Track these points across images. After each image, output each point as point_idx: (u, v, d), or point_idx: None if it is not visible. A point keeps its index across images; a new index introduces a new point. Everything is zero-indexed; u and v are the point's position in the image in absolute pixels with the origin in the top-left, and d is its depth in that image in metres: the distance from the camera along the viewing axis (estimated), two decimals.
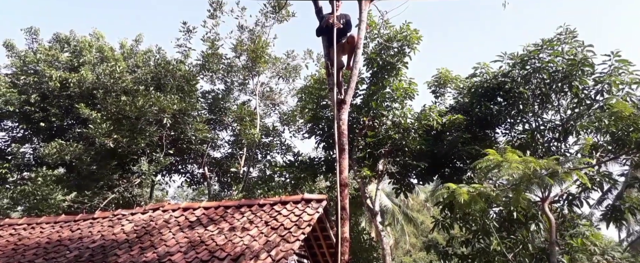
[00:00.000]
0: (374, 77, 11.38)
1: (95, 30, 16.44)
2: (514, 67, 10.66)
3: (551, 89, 10.19)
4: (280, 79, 16.89)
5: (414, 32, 10.84)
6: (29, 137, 15.18)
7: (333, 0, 6.43)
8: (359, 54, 6.19)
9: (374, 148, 11.29)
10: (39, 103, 14.05)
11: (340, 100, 5.89)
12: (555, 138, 10.34)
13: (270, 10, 14.99)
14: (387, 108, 11.23)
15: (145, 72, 14.09)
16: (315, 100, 11.95)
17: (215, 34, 15.15)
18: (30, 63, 14.72)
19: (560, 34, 10.15)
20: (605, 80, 9.41)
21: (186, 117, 13.65)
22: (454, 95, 12.37)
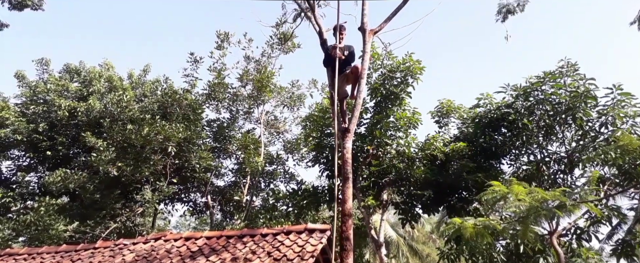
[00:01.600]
0: (378, 106, 11.46)
1: (105, 61, 16.87)
2: (517, 98, 10.76)
3: (555, 120, 10.23)
4: (285, 107, 17.06)
5: (417, 63, 10.99)
6: (34, 165, 15.28)
7: (337, 33, 6.60)
8: (362, 83, 6.28)
9: (379, 177, 11.21)
10: (46, 132, 14.23)
11: (344, 129, 5.93)
12: (561, 170, 10.29)
13: (276, 41, 15.34)
14: (391, 137, 11.24)
15: (152, 101, 14.31)
16: (320, 129, 12.01)
17: (221, 64, 15.46)
18: (41, 93, 15.03)
19: (561, 67, 10.31)
20: (609, 112, 9.47)
21: (191, 146, 13.73)
22: (457, 125, 12.41)
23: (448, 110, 12.33)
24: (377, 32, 6.87)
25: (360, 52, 6.64)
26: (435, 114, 12.47)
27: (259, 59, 15.77)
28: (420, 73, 11.06)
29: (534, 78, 10.52)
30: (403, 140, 11.18)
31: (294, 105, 16.96)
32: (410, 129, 11.35)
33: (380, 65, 11.50)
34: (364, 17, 6.80)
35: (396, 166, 10.97)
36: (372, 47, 9.97)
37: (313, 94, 17.12)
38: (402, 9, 7.08)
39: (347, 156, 5.78)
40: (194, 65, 15.29)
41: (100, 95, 14.59)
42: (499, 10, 9.30)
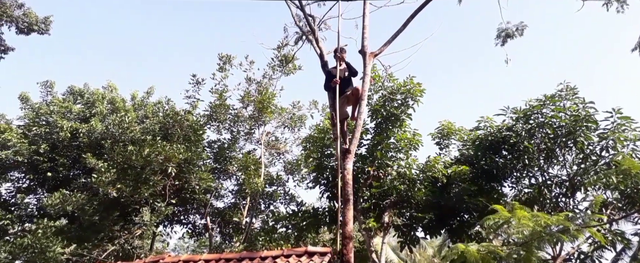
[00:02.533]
0: (378, 127, 11.49)
1: (109, 83, 17.05)
2: (517, 121, 10.80)
3: (556, 143, 10.26)
4: (286, 128, 17.11)
5: (417, 85, 11.09)
6: (34, 187, 15.23)
7: (337, 56, 6.70)
8: (363, 105, 6.33)
9: (380, 199, 11.13)
10: (48, 153, 14.25)
11: (345, 150, 5.94)
12: (563, 193, 10.24)
13: (277, 63, 15.52)
14: (391, 158, 11.22)
15: (153, 122, 14.37)
16: (320, 150, 12.00)
17: (223, 85, 15.60)
18: (44, 114, 15.13)
19: (561, 90, 10.40)
20: (610, 136, 9.50)
21: (191, 166, 13.70)
22: (458, 147, 12.41)
23: (448, 132, 12.36)
24: (377, 54, 6.98)
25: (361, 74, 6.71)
26: (435, 135, 12.48)
27: (260, 81, 15.93)
28: (420, 95, 11.14)
29: (534, 101, 10.60)
30: (404, 162, 11.15)
31: (295, 125, 17.02)
32: (411, 150, 11.35)
33: (380, 87, 11.60)
34: (365, 40, 6.92)
35: (397, 188, 10.91)
36: (373, 70, 10.08)
37: (314, 115, 17.20)
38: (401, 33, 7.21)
39: (348, 177, 5.77)
40: (196, 87, 15.43)
41: (103, 116, 14.67)
42: (498, 34, 9.46)
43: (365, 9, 7.19)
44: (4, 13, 15.81)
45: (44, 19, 16.58)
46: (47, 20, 16.63)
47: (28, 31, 16.71)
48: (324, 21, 8.79)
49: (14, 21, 16.20)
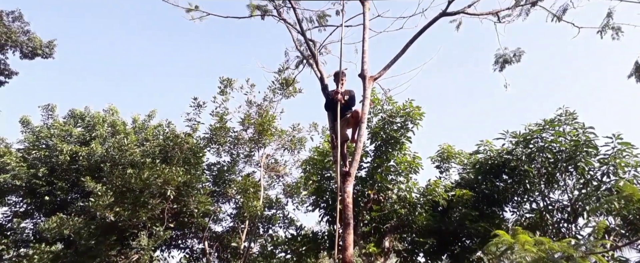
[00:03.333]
0: (378, 150, 11.49)
1: (110, 106, 17.15)
2: (517, 145, 10.82)
3: (556, 168, 10.25)
4: (286, 150, 17.09)
5: (417, 108, 11.16)
6: (31, 211, 15.09)
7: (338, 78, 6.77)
8: (363, 127, 6.35)
9: (380, 223, 11.00)
10: (46, 176, 14.20)
11: (345, 173, 5.92)
12: (565, 219, 10.15)
13: (278, 86, 15.66)
14: (392, 182, 11.17)
15: (153, 145, 14.38)
16: (320, 172, 11.96)
17: (224, 108, 15.70)
18: (44, 138, 15.17)
19: (560, 115, 10.46)
20: (610, 161, 9.50)
21: (190, 190, 13.61)
22: (458, 171, 12.38)
23: (448, 156, 12.36)
24: (377, 78, 7.06)
25: (361, 97, 6.77)
26: (435, 159, 12.47)
27: (260, 103, 16.03)
28: (420, 119, 11.20)
29: (533, 125, 10.66)
30: (404, 185, 11.09)
31: (295, 148, 17.01)
32: (411, 173, 11.31)
33: (380, 110, 11.67)
34: (364, 64, 7.01)
35: (398, 212, 10.81)
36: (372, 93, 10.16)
37: (314, 137, 17.23)
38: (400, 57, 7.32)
39: (348, 200, 5.73)
40: (197, 110, 15.52)
41: (103, 139, 14.69)
42: (496, 60, 9.56)
43: (364, 35, 7.32)
44: (9, 38, 16.10)
45: (48, 43, 16.88)
46: (51, 44, 16.93)
47: (32, 56, 16.98)
48: (324, 46, 8.94)
49: (19, 46, 16.49)
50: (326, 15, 9.18)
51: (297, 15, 8.38)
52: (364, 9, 7.68)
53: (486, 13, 8.23)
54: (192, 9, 8.21)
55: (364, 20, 7.51)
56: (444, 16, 7.81)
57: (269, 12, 8.83)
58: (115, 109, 17.03)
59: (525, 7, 8.47)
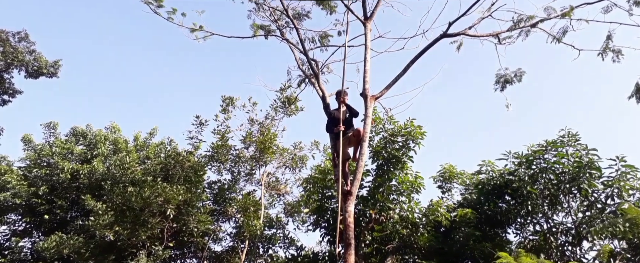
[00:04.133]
0: (380, 169, 11.45)
1: (112, 124, 17.21)
2: (519, 166, 10.78)
3: (559, 190, 10.18)
4: (287, 169, 17.01)
5: (418, 128, 11.17)
6: (30, 230, 14.96)
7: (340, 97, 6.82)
8: (364, 146, 6.35)
9: (382, 243, 10.86)
10: (46, 195, 14.14)
11: (346, 192, 5.89)
12: (569, 242, 10.02)
13: (280, 105, 15.74)
14: (393, 201, 11.09)
15: (155, 163, 14.36)
16: (321, 191, 11.89)
17: (226, 126, 15.73)
18: (45, 156, 15.17)
19: (562, 136, 10.45)
20: (614, 184, 9.45)
21: (190, 208, 13.51)
22: (461, 191, 12.30)
23: (450, 176, 12.29)
24: (378, 97, 7.11)
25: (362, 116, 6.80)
26: (437, 178, 12.41)
27: (262, 122, 16.08)
28: (421, 138, 11.20)
29: (536, 146, 10.65)
30: (406, 205, 11.00)
31: (296, 166, 16.94)
32: (413, 193, 11.22)
33: (381, 129, 11.68)
34: (366, 84, 7.07)
35: (399, 232, 10.67)
36: (374, 112, 10.20)
37: (315, 156, 17.17)
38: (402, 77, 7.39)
39: (349, 220, 5.68)
40: (199, 128, 15.56)
41: (104, 157, 14.69)
42: (497, 80, 9.62)
43: (366, 55, 7.42)
44: (15, 58, 16.33)
45: (53, 63, 17.09)
46: (56, 64, 17.13)
47: (37, 75, 17.19)
48: (326, 65, 9.05)
49: (24, 66, 16.71)
50: (328, 36, 9.33)
51: (299, 35, 8.52)
52: (366, 29, 7.80)
53: (486, 35, 8.34)
54: (196, 29, 8.35)
55: (366, 40, 7.62)
56: (445, 37, 7.92)
57: (272, 32, 8.98)
58: (117, 127, 17.09)
59: (525, 29, 8.57)
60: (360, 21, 8.00)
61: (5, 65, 16.54)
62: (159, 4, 7.82)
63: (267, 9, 9.12)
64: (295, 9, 9.25)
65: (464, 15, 7.78)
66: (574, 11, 8.15)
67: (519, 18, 8.38)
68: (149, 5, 7.76)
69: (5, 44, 16.23)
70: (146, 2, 7.73)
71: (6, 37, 16.31)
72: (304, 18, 9.40)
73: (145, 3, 7.72)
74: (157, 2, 7.81)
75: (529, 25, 8.42)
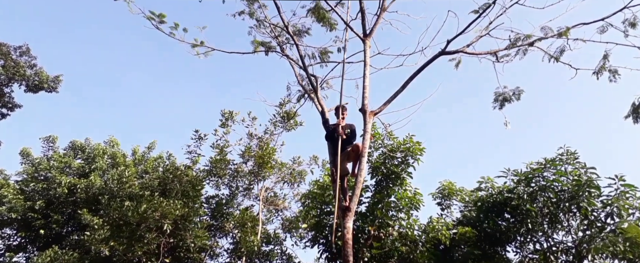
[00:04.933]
0: (379, 185, 11.41)
1: (111, 138, 17.20)
2: (518, 183, 10.78)
3: (559, 208, 10.16)
4: (285, 183, 16.95)
5: (417, 144, 11.18)
6: (25, 244, 14.78)
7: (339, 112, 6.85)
8: (363, 162, 6.35)
9: (380, 261, 10.73)
10: (43, 209, 14.03)
11: (345, 208, 5.86)
12: (570, 261, 9.95)
13: (279, 119, 15.78)
14: (392, 218, 11.01)
15: (153, 177, 14.31)
16: (319, 207, 11.81)
17: (224, 141, 15.73)
18: (43, 170, 15.11)
19: (561, 154, 10.48)
20: (614, 203, 9.44)
21: (187, 223, 13.40)
22: (460, 208, 12.24)
23: (449, 192, 12.25)
24: (377, 113, 7.14)
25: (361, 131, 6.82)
26: (436, 195, 12.36)
27: (261, 136, 16.09)
28: (420, 154, 11.19)
29: (535, 164, 10.66)
30: (405, 222, 10.92)
31: (295, 181, 16.88)
32: (412, 210, 11.15)
33: (381, 145, 11.69)
34: (365, 99, 7.11)
35: (399, 249, 10.57)
36: (373, 127, 10.23)
37: (314, 171, 17.13)
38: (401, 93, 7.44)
39: (348, 236, 5.64)
40: (198, 142, 15.56)
41: (102, 171, 14.64)
42: (495, 98, 9.68)
43: (365, 71, 7.48)
44: (16, 73, 16.43)
45: (54, 78, 17.20)
46: (57, 79, 17.25)
47: (37, 89, 17.27)
48: (326, 80, 9.12)
49: (25, 80, 16.80)
50: (328, 52, 9.43)
51: (299, 51, 8.61)
52: (365, 46, 7.89)
53: (484, 53, 8.43)
54: (198, 44, 8.42)
55: (365, 57, 7.70)
56: (443, 55, 8.00)
57: (272, 49, 9.07)
58: (115, 141, 17.08)
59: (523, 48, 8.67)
60: (360, 38, 8.09)
61: (6, 79, 16.63)
62: (161, 20, 7.91)
63: (268, 26, 9.24)
64: (296, 25, 9.38)
65: (462, 34, 7.88)
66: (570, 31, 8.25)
67: (516, 37, 8.48)
68: (151, 21, 7.85)
69: (7, 57, 16.36)
70: (148, 18, 7.82)
71: (7, 50, 16.45)
72: (304, 35, 9.51)
73: (148, 19, 7.81)
74: (159, 18, 7.90)
75: (527, 44, 8.52)
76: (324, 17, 9.02)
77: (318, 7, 8.94)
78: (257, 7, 9.26)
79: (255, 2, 9.18)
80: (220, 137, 15.73)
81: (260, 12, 9.26)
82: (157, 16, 7.81)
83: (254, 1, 9.14)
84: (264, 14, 9.21)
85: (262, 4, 9.20)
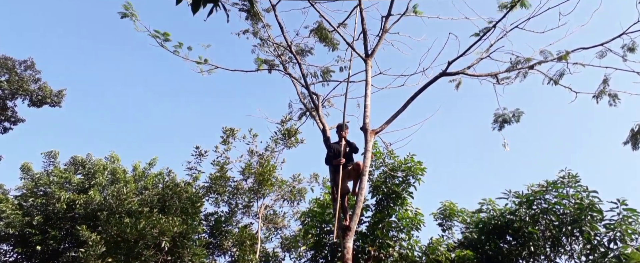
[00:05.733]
0: (379, 204, 11.34)
1: (112, 154, 17.19)
2: (520, 205, 10.71)
3: (561, 232, 10.06)
4: (285, 201, 16.85)
5: (418, 163, 11.16)
6: (21, 261, 14.59)
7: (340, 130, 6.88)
8: (364, 180, 6.34)
9: None
10: (40, 225, 13.89)
11: (345, 227, 5.82)
12: None
13: (280, 136, 15.82)
14: (393, 238, 10.91)
15: (152, 193, 14.24)
16: (319, 225, 11.71)
17: (225, 157, 15.73)
18: (43, 185, 15.04)
19: (563, 177, 10.44)
20: (616, 227, 9.36)
21: (186, 241, 13.26)
22: (461, 230, 12.12)
23: (451, 213, 12.16)
24: (378, 132, 7.17)
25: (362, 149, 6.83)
26: (437, 216, 12.26)
27: (262, 153, 16.09)
28: (421, 174, 11.16)
29: (536, 186, 10.61)
30: (406, 242, 10.80)
31: (295, 199, 16.78)
32: (412, 230, 11.05)
33: (382, 164, 11.68)
34: (366, 118, 7.16)
35: None
36: (374, 146, 10.25)
37: (314, 188, 17.05)
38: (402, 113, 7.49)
39: (348, 257, 5.58)
40: (199, 159, 15.55)
41: (102, 187, 14.57)
42: (495, 119, 9.72)
43: (367, 90, 7.55)
44: (20, 87, 16.58)
45: (57, 93, 17.33)
46: (60, 93, 17.38)
47: (40, 104, 17.39)
48: (327, 99, 9.20)
49: (29, 94, 16.93)
50: (330, 71, 9.54)
51: (302, 70, 8.72)
52: (367, 66, 7.99)
53: (485, 74, 8.51)
54: (202, 62, 8.54)
55: (367, 76, 7.78)
56: (444, 76, 8.09)
57: (275, 67, 9.18)
58: (116, 157, 17.04)
59: (523, 70, 8.76)
60: (362, 58, 8.20)
61: (10, 94, 16.76)
62: (165, 38, 8.04)
63: (272, 45, 9.38)
64: (299, 45, 9.52)
65: (463, 56, 7.99)
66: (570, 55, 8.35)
67: (516, 60, 8.59)
68: (156, 39, 7.98)
69: (11, 72, 16.52)
70: (153, 36, 7.95)
71: (13, 65, 16.63)
72: (307, 54, 9.65)
73: (153, 37, 7.94)
74: (163, 36, 8.02)
75: (527, 67, 8.62)
76: (327, 37, 9.18)
77: (321, 28, 9.10)
78: (261, 27, 9.43)
79: (259, 22, 9.34)
80: (221, 153, 15.75)
81: (264, 31, 9.42)
82: (161, 35, 7.94)
83: (258, 21, 9.31)
84: (267, 33, 9.37)
85: (266, 24, 9.37)
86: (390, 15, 8.63)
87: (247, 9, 8.91)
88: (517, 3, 7.66)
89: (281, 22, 8.56)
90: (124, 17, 7.47)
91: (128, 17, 7.48)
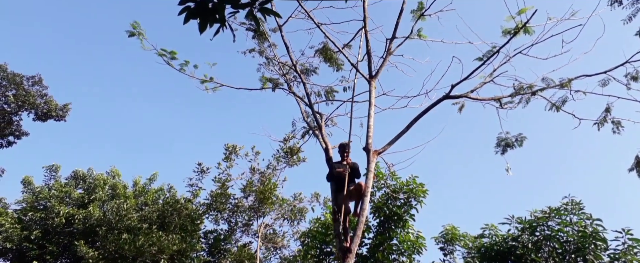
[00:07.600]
0: (381, 226, 11.21)
1: (112, 169, 17.18)
2: (523, 231, 10.55)
3: (565, 260, 9.86)
4: (285, 220, 16.66)
5: (420, 185, 11.09)
6: None
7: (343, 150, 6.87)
8: (366, 201, 6.28)
9: None
10: (39, 239, 13.79)
11: (345, 249, 5.74)
12: None
13: (282, 155, 15.79)
14: (394, 261, 10.73)
15: (152, 210, 14.15)
16: (319, 246, 11.55)
17: (227, 174, 15.68)
18: (43, 199, 15.00)
19: (566, 204, 10.33)
20: (621, 257, 9.18)
21: (184, 259, 13.10)
22: (463, 254, 11.92)
23: (452, 237, 11.99)
24: (381, 152, 7.15)
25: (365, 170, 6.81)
26: (439, 239, 12.09)
27: (264, 171, 16.03)
28: (423, 196, 11.07)
29: (539, 212, 10.49)
30: None
31: (295, 218, 16.61)
32: (414, 254, 10.88)
33: (384, 185, 11.60)
34: (369, 139, 7.15)
35: None
36: (376, 167, 10.21)
37: (315, 208, 16.88)
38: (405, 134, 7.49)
39: None
40: (200, 175, 15.51)
41: (102, 202, 14.51)
42: (498, 143, 9.68)
43: (370, 111, 7.58)
44: (26, 101, 16.73)
45: (62, 107, 17.46)
46: (65, 107, 17.51)
47: (45, 118, 17.50)
48: (331, 118, 9.22)
49: (35, 109, 17.07)
50: (334, 91, 9.60)
51: (306, 89, 8.78)
52: (371, 87, 8.03)
53: (488, 98, 8.52)
54: (207, 80, 8.61)
55: (370, 97, 7.82)
56: (448, 98, 8.11)
57: (280, 85, 9.25)
58: (117, 172, 17.03)
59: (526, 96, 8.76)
60: (366, 79, 8.26)
61: (15, 108, 16.90)
62: (172, 56, 8.13)
63: (277, 63, 9.49)
64: (304, 64, 9.63)
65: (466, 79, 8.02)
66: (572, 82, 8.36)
67: (519, 85, 8.61)
68: (162, 57, 8.07)
69: (19, 87, 16.71)
70: (160, 54, 8.04)
71: (20, 80, 16.83)
72: (311, 73, 9.74)
73: (159, 55, 8.04)
74: (170, 55, 8.12)
75: (530, 93, 8.63)
76: (332, 58, 9.27)
77: (326, 48, 9.21)
78: (267, 46, 9.56)
79: (265, 41, 9.48)
80: (223, 170, 15.72)
81: (270, 50, 9.55)
82: (168, 53, 8.04)
83: (264, 40, 9.44)
84: (273, 52, 9.49)
85: (272, 43, 9.50)
86: (395, 38, 8.74)
87: (253, 28, 9.05)
88: (520, 30, 7.73)
89: (287, 42, 8.68)
90: (131, 35, 7.59)
91: (135, 35, 7.59)
